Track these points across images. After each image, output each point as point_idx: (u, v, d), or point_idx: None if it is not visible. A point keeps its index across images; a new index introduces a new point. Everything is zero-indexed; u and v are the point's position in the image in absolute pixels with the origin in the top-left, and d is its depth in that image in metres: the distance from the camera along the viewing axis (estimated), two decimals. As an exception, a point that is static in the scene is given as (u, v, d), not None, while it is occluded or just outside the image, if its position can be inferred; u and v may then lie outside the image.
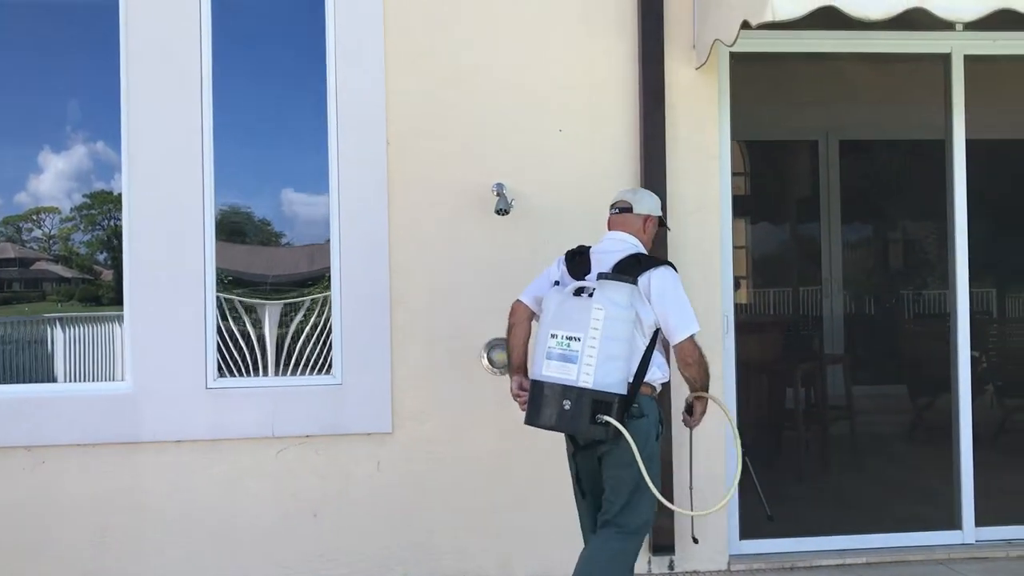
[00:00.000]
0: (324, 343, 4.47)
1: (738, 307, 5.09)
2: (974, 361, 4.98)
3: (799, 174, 6.72)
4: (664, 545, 4.44)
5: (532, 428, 3.35)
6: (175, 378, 4.29)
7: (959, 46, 4.85)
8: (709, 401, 3.53)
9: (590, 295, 3.28)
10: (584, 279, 3.41)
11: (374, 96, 4.41)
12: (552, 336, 3.29)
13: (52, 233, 4.58)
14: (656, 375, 3.38)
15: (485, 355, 4.39)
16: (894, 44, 4.85)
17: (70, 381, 4.44)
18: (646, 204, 3.62)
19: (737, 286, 5.35)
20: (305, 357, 4.49)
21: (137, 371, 4.29)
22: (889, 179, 6.63)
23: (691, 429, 3.63)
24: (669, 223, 4.29)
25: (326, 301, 4.47)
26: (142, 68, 4.33)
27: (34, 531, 4.24)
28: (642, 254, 3.49)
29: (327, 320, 4.46)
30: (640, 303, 3.31)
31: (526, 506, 4.44)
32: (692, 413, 3.56)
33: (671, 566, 4.50)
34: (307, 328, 4.50)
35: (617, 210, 3.63)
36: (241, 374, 4.44)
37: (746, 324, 5.54)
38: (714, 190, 4.59)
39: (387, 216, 4.40)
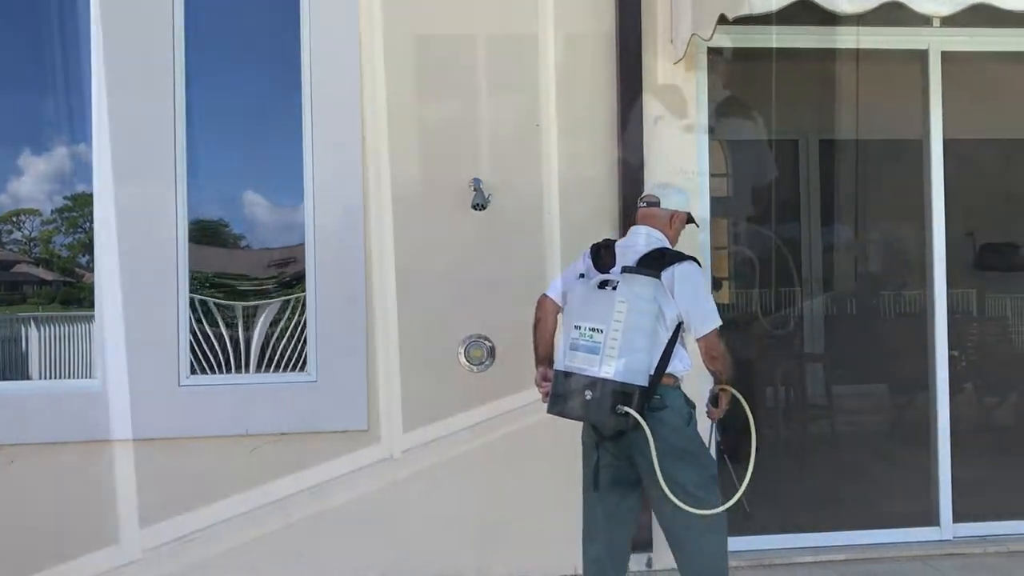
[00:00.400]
0: (299, 340, 4.43)
1: (720, 307, 5.06)
2: (953, 360, 4.98)
3: (780, 174, 6.73)
4: (642, 542, 4.40)
5: (515, 426, 3.34)
6: (146, 375, 4.23)
7: (936, 42, 4.85)
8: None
9: (614, 288, 3.31)
10: (609, 272, 3.42)
11: (349, 94, 4.37)
12: (576, 328, 3.33)
13: (32, 235, 4.53)
14: (678, 367, 3.39)
15: (462, 352, 4.36)
16: (872, 40, 4.84)
17: (44, 379, 4.37)
18: (674, 200, 3.64)
19: (718, 287, 5.34)
20: (285, 355, 4.44)
21: (107, 368, 4.23)
22: (870, 179, 6.65)
23: (713, 421, 3.64)
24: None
25: (303, 300, 4.42)
26: (114, 64, 4.27)
27: (2, 531, 4.16)
28: (667, 249, 3.49)
29: (302, 317, 4.42)
30: (663, 297, 3.33)
31: (504, 505, 4.40)
32: (717, 405, 3.58)
33: (649, 563, 4.47)
34: (282, 325, 4.45)
35: (645, 204, 3.65)
36: (215, 372, 4.38)
37: (727, 323, 5.52)
38: (693, 187, 4.56)
39: (362, 211, 4.36)
